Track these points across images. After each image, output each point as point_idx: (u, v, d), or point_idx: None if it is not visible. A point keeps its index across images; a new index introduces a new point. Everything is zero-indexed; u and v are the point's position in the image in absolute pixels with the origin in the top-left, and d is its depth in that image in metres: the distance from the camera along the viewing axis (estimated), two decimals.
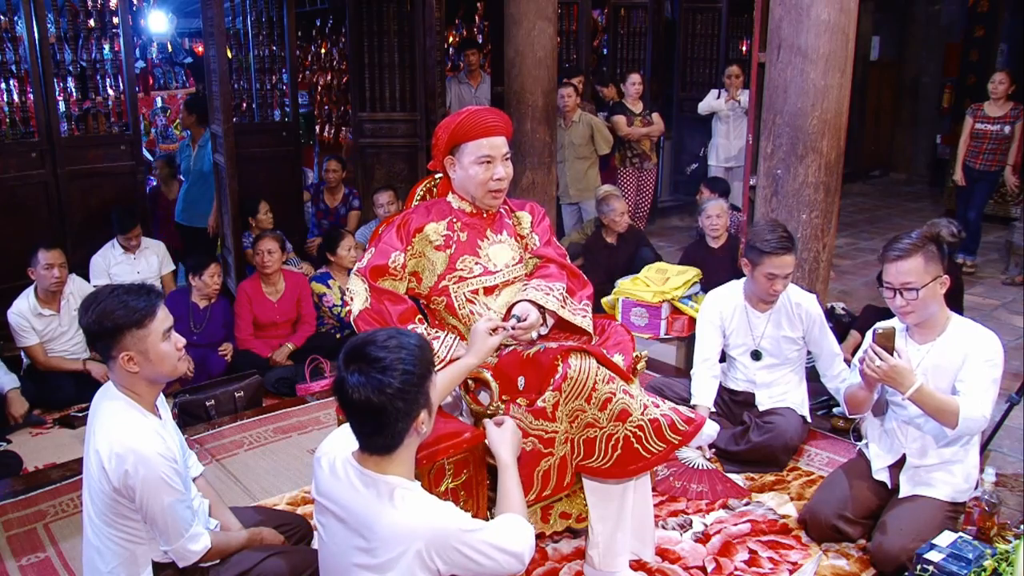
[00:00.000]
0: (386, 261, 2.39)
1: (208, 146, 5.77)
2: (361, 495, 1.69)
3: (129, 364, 1.94)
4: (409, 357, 1.64)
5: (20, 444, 3.70)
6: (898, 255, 2.50)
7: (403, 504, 1.66)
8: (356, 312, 2.36)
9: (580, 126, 6.10)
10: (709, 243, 4.89)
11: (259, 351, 4.53)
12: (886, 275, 2.55)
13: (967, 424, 2.44)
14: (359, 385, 1.61)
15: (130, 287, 1.98)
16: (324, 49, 9.64)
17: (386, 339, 1.67)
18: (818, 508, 2.72)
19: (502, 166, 2.43)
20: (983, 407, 2.45)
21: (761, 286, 3.17)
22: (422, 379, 1.67)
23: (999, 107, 5.89)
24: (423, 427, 1.71)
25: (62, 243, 4.38)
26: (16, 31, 4.76)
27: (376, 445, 1.69)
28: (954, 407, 2.44)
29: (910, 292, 2.49)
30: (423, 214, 2.49)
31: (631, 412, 2.26)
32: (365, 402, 1.61)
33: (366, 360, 1.63)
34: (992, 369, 2.49)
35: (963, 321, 2.62)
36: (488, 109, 2.50)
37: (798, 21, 3.51)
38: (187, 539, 1.99)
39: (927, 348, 2.59)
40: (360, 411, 1.64)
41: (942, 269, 2.52)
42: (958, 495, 2.58)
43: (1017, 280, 5.85)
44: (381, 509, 1.66)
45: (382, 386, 1.60)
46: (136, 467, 1.88)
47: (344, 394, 1.64)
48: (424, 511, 1.67)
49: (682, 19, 8.32)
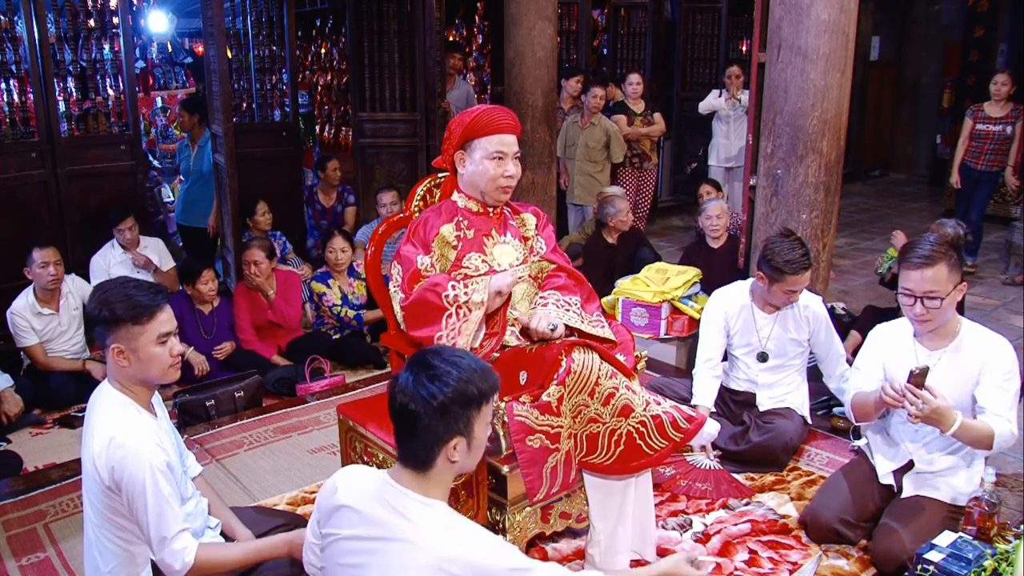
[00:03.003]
0: (416, 267, 2.41)
1: (208, 146, 5.77)
2: (396, 514, 1.61)
3: (119, 358, 1.94)
4: (463, 375, 1.61)
5: (20, 444, 3.70)
6: (923, 262, 2.41)
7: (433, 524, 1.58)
8: (404, 325, 2.40)
9: (597, 130, 6.07)
10: (709, 243, 4.89)
11: (262, 351, 4.54)
12: (907, 282, 2.46)
13: (1000, 444, 2.43)
14: (405, 386, 1.61)
15: (141, 283, 1.98)
16: (324, 49, 9.65)
17: (451, 354, 1.66)
18: (819, 511, 2.72)
19: (513, 163, 2.46)
20: (1012, 423, 2.44)
21: (778, 298, 3.18)
22: (468, 404, 1.61)
23: (1000, 108, 5.89)
24: (456, 455, 1.63)
25: (62, 243, 4.38)
26: (16, 31, 4.76)
27: (407, 454, 1.64)
28: (988, 432, 2.41)
29: (933, 301, 2.42)
30: (435, 217, 2.50)
31: (634, 408, 2.27)
32: (404, 405, 1.60)
33: (423, 365, 1.62)
34: (1012, 382, 2.46)
35: (974, 327, 2.58)
36: (501, 108, 2.53)
37: (798, 21, 3.51)
38: (172, 549, 1.90)
39: (938, 355, 2.55)
40: (398, 412, 1.63)
41: (961, 275, 2.48)
42: (960, 497, 2.58)
43: (1017, 280, 5.85)
44: (407, 528, 1.58)
45: (425, 394, 1.58)
46: (124, 461, 1.85)
47: (391, 390, 1.64)
48: (459, 536, 1.58)
49: (682, 19, 8.32)
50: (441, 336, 2.31)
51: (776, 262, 3.05)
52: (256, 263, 4.54)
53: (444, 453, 1.62)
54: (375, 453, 2.51)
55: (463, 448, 1.64)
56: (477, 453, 1.70)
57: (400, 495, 1.62)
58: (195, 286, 4.39)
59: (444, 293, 2.33)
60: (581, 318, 2.43)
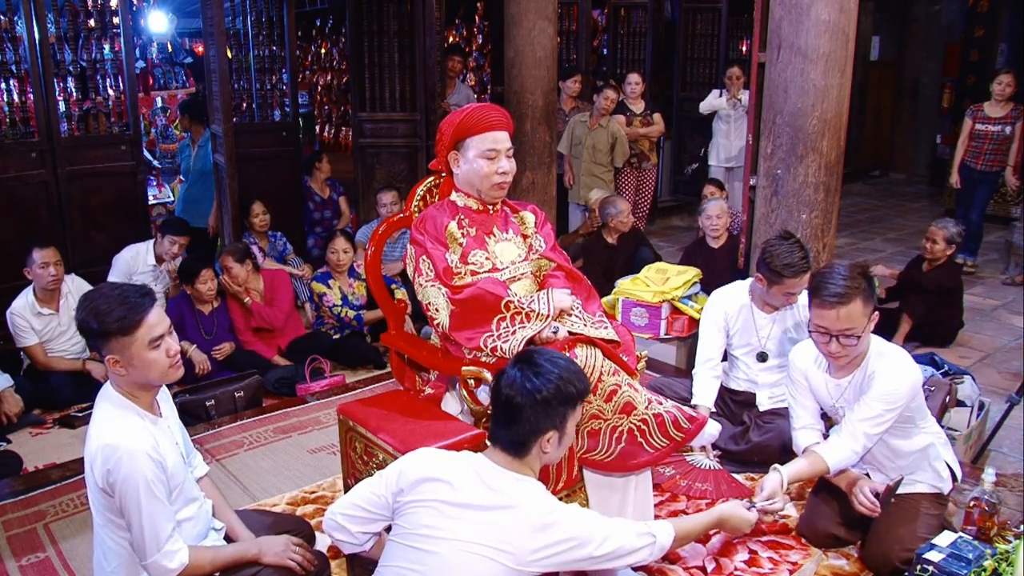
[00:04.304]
0: (448, 264, 2.40)
1: (208, 146, 5.77)
2: (490, 489, 1.80)
3: (116, 367, 1.93)
4: (563, 375, 1.82)
5: (20, 444, 3.70)
6: (837, 300, 2.31)
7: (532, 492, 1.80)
8: (447, 322, 2.34)
9: (605, 133, 6.06)
10: (709, 243, 4.89)
11: (262, 351, 4.54)
12: (820, 320, 2.37)
13: (842, 464, 2.46)
14: (512, 380, 1.82)
15: (127, 289, 1.94)
16: (324, 49, 9.67)
17: (554, 356, 1.88)
18: (815, 520, 2.71)
19: (506, 160, 2.46)
20: (855, 440, 2.42)
21: (778, 300, 3.18)
22: (566, 401, 1.83)
23: (1000, 108, 5.88)
24: (549, 448, 1.84)
25: (62, 243, 4.37)
26: (16, 31, 4.75)
27: (506, 440, 1.84)
28: (822, 467, 2.46)
29: (850, 339, 2.35)
30: (440, 215, 2.49)
31: (636, 406, 2.27)
32: (510, 398, 1.81)
33: (529, 363, 1.84)
34: (884, 402, 2.39)
35: (882, 349, 2.50)
36: (491, 106, 2.54)
37: (798, 21, 3.51)
38: (162, 555, 1.90)
39: (847, 380, 2.52)
40: (503, 404, 1.83)
41: (874, 305, 2.39)
42: (938, 486, 2.59)
43: (1017, 280, 5.85)
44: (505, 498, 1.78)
45: (531, 387, 1.79)
46: (118, 465, 1.85)
47: (497, 383, 1.85)
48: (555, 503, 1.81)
49: (682, 19, 8.32)
50: (488, 338, 2.28)
51: (775, 265, 3.05)
52: (228, 268, 4.51)
53: (539, 444, 1.82)
54: (375, 453, 2.50)
55: (555, 441, 1.85)
56: (564, 448, 1.91)
57: (496, 472, 1.82)
58: (194, 286, 4.37)
59: (505, 298, 2.30)
60: (584, 321, 2.42)
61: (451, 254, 2.44)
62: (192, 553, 1.97)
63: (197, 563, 1.98)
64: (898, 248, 6.88)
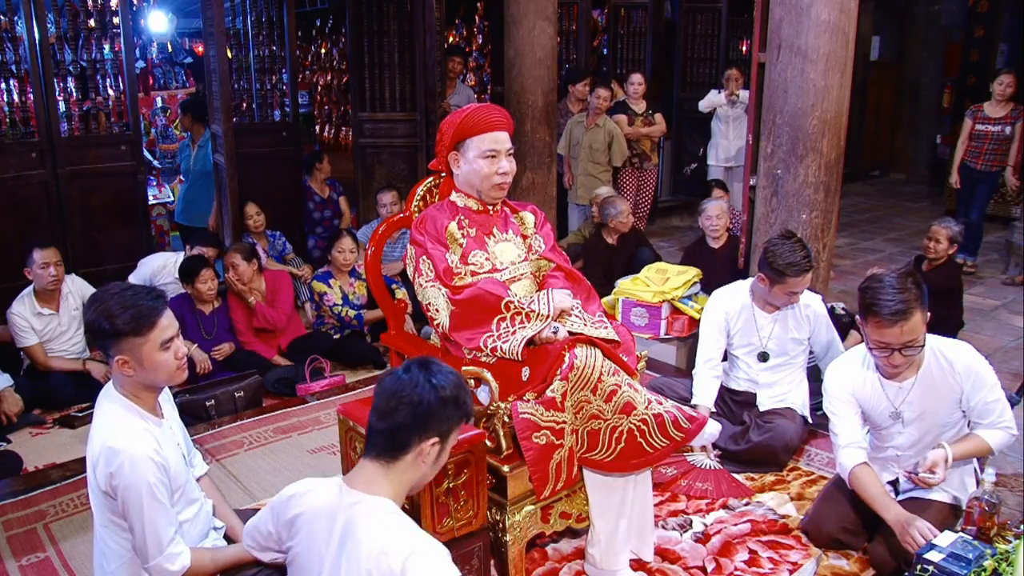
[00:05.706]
0: (448, 264, 2.41)
1: (208, 146, 5.77)
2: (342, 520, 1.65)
3: (124, 368, 1.93)
4: (461, 383, 1.70)
5: (20, 444, 3.69)
6: (898, 317, 2.25)
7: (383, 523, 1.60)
8: (447, 322, 2.36)
9: (602, 132, 6.06)
10: (709, 243, 4.89)
11: (262, 351, 4.54)
12: (881, 337, 2.31)
13: (1003, 447, 2.47)
14: (401, 376, 1.68)
15: (138, 291, 1.94)
16: (324, 49, 9.67)
17: (445, 364, 1.74)
18: (820, 521, 2.71)
19: (506, 160, 2.46)
20: (1010, 427, 2.45)
21: (780, 299, 3.18)
22: (459, 409, 1.69)
23: (1000, 108, 5.88)
24: (427, 458, 1.68)
25: (62, 243, 4.37)
26: (16, 31, 4.75)
27: (382, 438, 1.66)
28: (984, 448, 2.45)
29: (912, 349, 2.32)
30: (440, 215, 2.49)
31: (636, 406, 2.28)
32: (397, 391, 1.65)
33: (425, 364, 1.70)
34: (991, 386, 2.43)
35: (931, 343, 2.47)
36: (491, 106, 2.54)
37: (798, 21, 3.52)
38: (164, 558, 1.90)
39: (910, 383, 2.50)
40: (386, 397, 1.66)
41: (927, 306, 2.34)
42: (959, 496, 2.58)
43: (1017, 280, 5.85)
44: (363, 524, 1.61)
45: (434, 383, 1.65)
46: (120, 468, 1.84)
47: (395, 377, 1.69)
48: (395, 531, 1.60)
49: (682, 19, 8.32)
50: (488, 338, 2.29)
51: (777, 264, 3.05)
52: (234, 266, 4.51)
53: (420, 448, 1.65)
54: None
55: (434, 453, 1.68)
56: (435, 470, 1.74)
57: (351, 499, 1.65)
58: (194, 285, 4.37)
59: (505, 299, 2.31)
60: (584, 321, 2.43)
61: (451, 254, 2.44)
62: (193, 555, 1.97)
63: (198, 565, 1.98)
64: (898, 248, 6.88)
